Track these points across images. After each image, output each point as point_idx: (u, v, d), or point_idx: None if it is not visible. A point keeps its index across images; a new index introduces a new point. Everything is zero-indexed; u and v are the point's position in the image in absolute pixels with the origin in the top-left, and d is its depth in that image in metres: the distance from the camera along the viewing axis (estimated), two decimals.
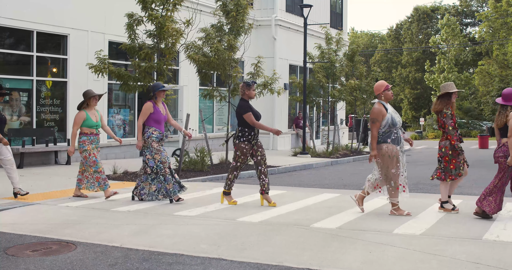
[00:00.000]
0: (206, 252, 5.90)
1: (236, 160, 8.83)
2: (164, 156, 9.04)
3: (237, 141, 8.81)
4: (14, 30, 14.41)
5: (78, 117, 9.42)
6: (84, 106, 9.55)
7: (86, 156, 9.40)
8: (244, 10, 14.94)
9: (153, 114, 9.07)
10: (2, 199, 9.20)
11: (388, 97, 8.11)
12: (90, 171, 9.43)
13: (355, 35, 79.28)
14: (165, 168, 9.00)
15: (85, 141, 9.42)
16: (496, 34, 50.57)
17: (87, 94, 9.56)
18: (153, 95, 9.22)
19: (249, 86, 8.92)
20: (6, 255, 5.77)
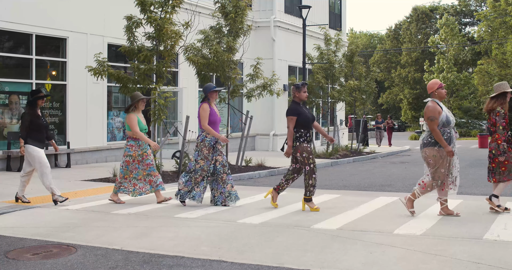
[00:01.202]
0: (207, 254, 5.90)
1: (308, 163, 8.46)
2: (209, 165, 8.83)
3: (298, 143, 8.50)
4: (13, 34, 14.41)
5: (133, 119, 9.14)
6: (133, 109, 9.31)
7: (129, 161, 9.17)
8: (243, 11, 14.94)
9: (210, 115, 8.89)
10: (3, 202, 9.20)
11: (442, 95, 7.98)
12: (142, 174, 9.21)
13: (354, 36, 79.34)
14: (201, 176, 8.83)
15: (132, 146, 9.19)
16: (495, 33, 50.58)
17: (135, 96, 9.35)
18: (206, 97, 9.00)
19: (298, 88, 8.65)
20: (6, 258, 5.76)
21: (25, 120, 9.02)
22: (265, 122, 23.72)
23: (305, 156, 8.44)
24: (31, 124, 8.97)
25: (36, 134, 9.00)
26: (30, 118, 9.01)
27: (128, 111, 9.37)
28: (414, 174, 14.95)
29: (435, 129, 7.71)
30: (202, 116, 8.86)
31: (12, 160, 14.03)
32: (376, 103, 68.96)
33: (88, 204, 9.15)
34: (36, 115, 9.08)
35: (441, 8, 68.04)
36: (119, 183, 9.30)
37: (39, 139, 9.03)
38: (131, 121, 9.16)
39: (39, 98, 9.14)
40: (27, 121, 8.98)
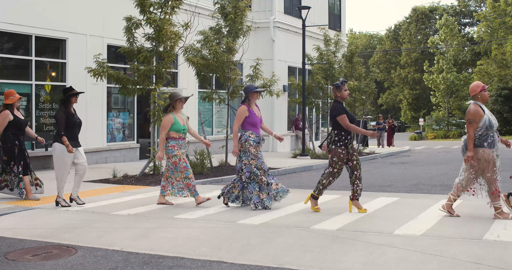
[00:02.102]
0: (207, 255, 5.89)
1: (333, 166, 8.36)
2: (261, 162, 8.71)
3: (333, 146, 8.36)
4: (13, 35, 14.42)
5: (166, 121, 8.99)
6: (170, 109, 9.17)
7: (176, 162, 8.99)
8: (242, 12, 14.94)
9: (248, 117, 8.78)
10: (3, 204, 9.19)
11: (485, 98, 7.87)
12: (180, 176, 9.02)
13: (353, 36, 79.40)
14: (261, 175, 8.67)
15: (174, 146, 9.01)
16: (495, 33, 50.63)
17: (173, 96, 9.16)
18: (246, 97, 8.89)
19: (339, 87, 8.44)
20: (6, 260, 5.76)
21: (61, 118, 8.80)
22: (265, 122, 23.48)
23: (334, 160, 8.34)
24: (66, 122, 8.83)
25: (69, 132, 8.86)
26: (65, 115, 8.84)
27: (166, 111, 9.22)
28: (414, 174, 14.96)
29: (469, 131, 7.66)
30: (237, 117, 8.76)
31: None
32: (375, 104, 69.01)
33: (88, 205, 9.15)
34: (71, 113, 8.94)
35: (440, 8, 68.10)
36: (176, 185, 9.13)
37: (71, 138, 8.88)
38: (162, 122, 9.05)
39: (72, 96, 8.94)
40: (63, 119, 8.80)
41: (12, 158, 9.61)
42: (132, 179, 12.46)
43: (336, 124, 8.40)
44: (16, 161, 9.62)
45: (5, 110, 9.57)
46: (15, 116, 9.61)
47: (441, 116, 52.21)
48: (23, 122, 9.76)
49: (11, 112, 9.59)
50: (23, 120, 9.80)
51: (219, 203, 9.31)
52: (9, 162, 9.63)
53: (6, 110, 9.57)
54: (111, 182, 12.12)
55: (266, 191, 8.69)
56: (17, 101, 9.69)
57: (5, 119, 9.49)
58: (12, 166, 9.62)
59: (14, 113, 9.65)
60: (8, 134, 9.56)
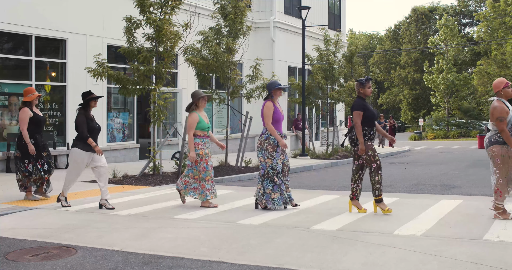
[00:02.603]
0: (207, 255, 5.89)
1: (374, 160, 8.19)
2: (275, 163, 8.56)
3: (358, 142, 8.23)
4: (13, 35, 14.42)
5: (192, 119, 8.92)
6: (193, 108, 9.10)
7: (197, 161, 8.94)
8: (242, 12, 14.94)
9: (274, 113, 8.63)
10: (2, 204, 9.19)
11: (508, 94, 7.80)
12: (198, 176, 8.95)
13: (353, 36, 79.39)
14: (273, 175, 8.56)
15: (198, 144, 8.93)
16: (495, 34, 50.62)
17: (196, 94, 9.10)
18: (270, 94, 8.78)
19: (362, 84, 8.35)
20: (6, 260, 5.76)
21: (81, 121, 8.69)
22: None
23: (370, 154, 8.20)
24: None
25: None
26: (85, 119, 8.73)
27: (189, 110, 9.14)
28: (414, 174, 14.96)
29: (504, 129, 7.53)
30: (266, 114, 8.60)
31: (12, 161, 14.01)
32: (375, 104, 68.97)
33: (88, 205, 9.15)
34: (90, 117, 8.84)
35: (440, 8, 68.10)
36: (189, 183, 9.05)
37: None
38: (188, 121, 8.97)
39: (91, 100, 8.86)
40: (84, 123, 8.69)
41: (26, 156, 9.57)
42: (132, 179, 12.46)
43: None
44: (31, 159, 9.58)
45: (24, 107, 9.59)
46: (34, 113, 9.63)
47: (441, 116, 52.21)
48: (42, 119, 9.78)
49: (30, 109, 9.62)
50: (42, 117, 9.81)
51: (218, 203, 9.30)
52: (23, 159, 9.59)
53: (25, 107, 9.59)
54: (111, 182, 12.11)
55: (279, 192, 8.59)
56: (36, 99, 9.71)
57: (26, 116, 9.49)
58: (27, 164, 9.58)
59: (33, 110, 9.67)
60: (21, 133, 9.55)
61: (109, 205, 8.82)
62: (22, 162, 9.61)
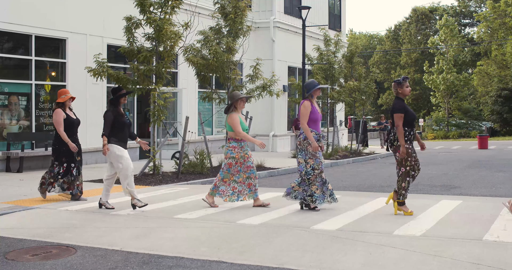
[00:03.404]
0: (206, 255, 5.89)
1: (404, 164, 8.03)
2: (319, 162, 8.43)
3: (398, 143, 8.01)
4: (13, 35, 14.41)
5: (235, 119, 8.81)
6: (232, 109, 8.97)
7: (231, 164, 8.85)
8: (242, 12, 14.93)
9: (311, 113, 8.49)
10: (2, 203, 9.18)
11: None
12: (243, 177, 8.88)
13: (353, 37, 79.38)
14: (314, 175, 8.43)
15: (235, 147, 8.85)
16: (495, 34, 50.63)
17: (235, 96, 8.97)
18: (309, 94, 8.63)
19: (400, 84, 8.15)
20: (6, 259, 5.76)
21: (109, 118, 8.58)
22: (264, 122, 23.73)
23: (404, 157, 8.02)
24: (115, 122, 8.60)
25: (119, 133, 8.63)
26: (114, 116, 8.62)
27: (228, 111, 9.04)
28: None
29: None
30: (303, 114, 8.46)
31: (12, 161, 14.01)
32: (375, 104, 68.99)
33: (88, 205, 9.14)
34: (120, 113, 8.73)
35: (440, 9, 68.11)
36: (216, 186, 8.96)
37: (122, 139, 8.67)
38: (233, 121, 8.81)
39: (121, 96, 8.78)
40: (111, 120, 8.58)
41: (57, 158, 9.48)
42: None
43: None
44: (59, 162, 9.48)
45: (58, 108, 9.47)
46: (67, 115, 9.50)
47: (441, 116, 52.24)
48: (75, 122, 9.62)
49: (63, 110, 9.49)
50: (76, 120, 9.66)
51: (218, 203, 9.30)
52: (53, 162, 9.52)
53: (59, 108, 9.47)
54: None
55: (321, 189, 8.46)
56: (69, 100, 9.57)
57: (60, 117, 9.38)
58: (55, 166, 9.49)
59: (66, 112, 9.54)
60: (57, 134, 9.46)
61: (109, 205, 8.80)
62: (52, 164, 9.53)
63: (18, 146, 14.40)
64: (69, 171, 9.52)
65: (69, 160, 9.53)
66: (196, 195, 10.37)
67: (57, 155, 9.52)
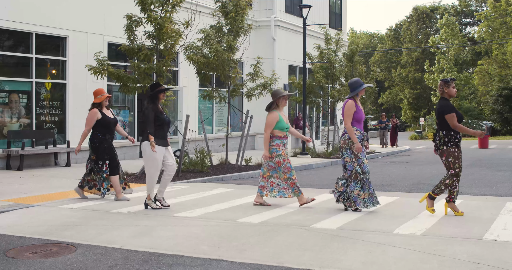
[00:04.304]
0: (206, 253, 5.89)
1: (453, 167, 7.82)
2: (361, 162, 8.28)
3: (444, 147, 7.85)
4: (13, 32, 14.41)
5: (272, 118, 8.72)
6: (274, 107, 8.87)
7: (280, 162, 8.74)
8: (243, 11, 14.93)
9: (356, 112, 8.29)
10: (3, 201, 9.18)
11: None
12: (283, 177, 8.76)
13: (354, 36, 79.38)
14: (362, 174, 8.29)
15: (279, 145, 8.74)
16: (496, 33, 50.61)
17: (277, 93, 8.86)
18: (355, 93, 8.44)
19: (447, 84, 7.95)
20: (5, 257, 5.76)
21: (150, 115, 8.41)
22: (265, 121, 23.67)
23: (450, 161, 7.84)
24: (155, 120, 8.43)
25: (158, 131, 8.45)
26: (154, 112, 8.44)
27: (269, 109, 8.92)
28: (414, 174, 14.95)
29: None
30: (346, 114, 8.28)
31: (12, 159, 14.01)
32: (376, 103, 69.03)
33: (88, 203, 9.14)
34: (160, 110, 8.58)
35: (441, 8, 68.07)
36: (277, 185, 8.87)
37: (161, 136, 8.47)
38: (267, 120, 8.73)
39: (160, 92, 8.59)
40: (152, 116, 8.40)
41: (100, 157, 9.44)
42: (132, 177, 12.46)
43: (443, 123, 7.89)
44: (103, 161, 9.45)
45: (94, 108, 9.41)
46: (103, 115, 9.40)
47: None
48: (112, 121, 9.54)
49: (100, 110, 9.42)
50: (112, 119, 9.57)
51: (218, 201, 9.30)
52: (97, 161, 9.46)
53: (95, 108, 9.41)
54: None
55: (368, 191, 8.28)
56: (106, 100, 9.48)
57: (93, 117, 9.30)
58: (101, 166, 9.45)
59: (103, 111, 9.44)
60: (96, 133, 9.41)
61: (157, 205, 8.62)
62: (96, 163, 9.47)
63: (18, 144, 14.40)
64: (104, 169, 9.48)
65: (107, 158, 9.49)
66: (196, 193, 10.37)
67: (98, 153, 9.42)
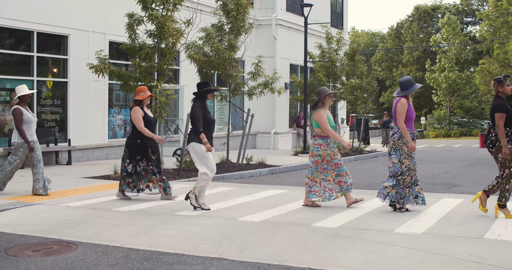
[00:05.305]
0: (207, 251, 5.89)
1: (508, 166, 7.61)
2: (414, 162, 8.13)
3: (500, 144, 7.65)
4: (15, 31, 14.41)
5: (322, 116, 8.55)
6: (320, 105, 8.74)
7: (318, 162, 8.62)
8: (244, 9, 14.92)
9: (408, 111, 8.08)
10: (4, 199, 9.19)
11: None
12: (331, 175, 8.65)
13: (355, 34, 79.34)
14: (409, 175, 8.11)
15: (321, 144, 8.60)
16: (497, 32, 50.51)
17: (322, 92, 8.74)
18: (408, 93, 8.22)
19: (501, 82, 7.79)
20: (6, 255, 5.76)
21: (199, 114, 8.24)
22: (266, 120, 23.71)
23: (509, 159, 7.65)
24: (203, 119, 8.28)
25: (206, 131, 8.29)
26: (202, 112, 8.27)
27: (315, 107, 8.79)
28: None
29: None
30: (400, 112, 8.06)
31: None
32: (377, 102, 68.97)
33: (89, 201, 9.15)
34: (207, 110, 8.44)
35: (443, 7, 68.01)
36: (309, 186, 8.73)
37: (207, 135, 8.29)
38: (321, 118, 8.56)
39: (208, 92, 8.46)
40: (201, 115, 8.23)
41: (131, 156, 9.25)
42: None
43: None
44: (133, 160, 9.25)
45: (136, 106, 9.26)
46: (145, 113, 9.25)
47: (442, 115, 52.19)
48: (153, 120, 9.41)
49: (141, 108, 9.25)
50: (153, 118, 9.44)
51: (219, 200, 9.31)
52: (125, 159, 9.30)
53: (136, 106, 9.25)
54: (112, 178, 12.12)
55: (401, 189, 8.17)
56: (147, 99, 9.35)
57: (139, 114, 9.12)
58: (127, 164, 9.27)
59: (144, 110, 9.29)
60: (132, 131, 9.29)
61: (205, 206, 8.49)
62: (124, 161, 9.34)
63: None
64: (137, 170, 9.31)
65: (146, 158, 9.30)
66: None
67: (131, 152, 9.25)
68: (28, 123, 9.76)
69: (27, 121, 9.76)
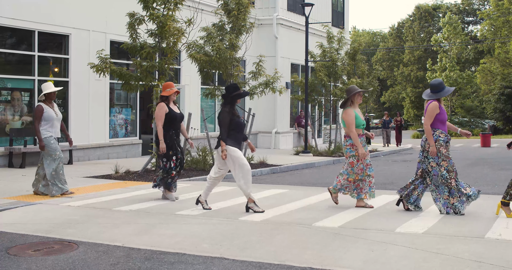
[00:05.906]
0: (208, 251, 5.89)
1: None
2: (452, 163, 7.96)
3: None
4: (16, 30, 14.41)
5: (350, 116, 8.44)
6: (349, 104, 8.60)
7: (353, 163, 8.49)
8: (245, 9, 14.91)
9: (439, 114, 7.96)
10: (4, 198, 9.20)
11: None
12: (353, 178, 8.53)
13: (356, 34, 79.31)
14: (451, 178, 7.90)
15: (353, 145, 8.45)
16: (498, 32, 50.50)
17: (351, 90, 8.58)
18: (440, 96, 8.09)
19: None
20: (8, 255, 5.77)
21: (226, 120, 8.05)
22: (267, 120, 23.72)
23: None
24: (231, 124, 8.09)
25: (234, 134, 8.13)
26: (230, 117, 8.10)
27: (344, 106, 8.66)
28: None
29: None
30: (429, 115, 7.98)
31: (14, 156, 14.03)
32: (378, 102, 68.98)
33: (90, 201, 9.15)
34: (236, 114, 8.24)
35: (444, 6, 67.97)
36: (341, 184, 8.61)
37: (237, 139, 8.19)
38: (348, 117, 8.46)
39: (238, 97, 8.25)
40: (228, 122, 8.06)
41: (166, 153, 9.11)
42: (134, 175, 12.47)
43: None
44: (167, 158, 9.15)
45: (161, 102, 9.12)
46: (170, 109, 9.11)
47: None
48: (178, 116, 9.25)
49: (167, 104, 9.12)
50: (179, 114, 9.28)
51: (220, 199, 9.31)
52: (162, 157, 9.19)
53: (162, 102, 9.12)
54: (113, 178, 12.12)
55: (457, 195, 7.92)
56: (174, 95, 9.20)
57: (161, 110, 8.99)
58: (165, 163, 9.17)
59: (170, 106, 9.15)
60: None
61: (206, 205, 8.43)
62: (161, 159, 9.24)
63: (20, 141, 14.41)
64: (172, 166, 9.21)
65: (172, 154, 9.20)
66: (198, 191, 10.35)
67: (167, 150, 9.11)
68: (48, 120, 9.68)
69: (47, 118, 9.67)
